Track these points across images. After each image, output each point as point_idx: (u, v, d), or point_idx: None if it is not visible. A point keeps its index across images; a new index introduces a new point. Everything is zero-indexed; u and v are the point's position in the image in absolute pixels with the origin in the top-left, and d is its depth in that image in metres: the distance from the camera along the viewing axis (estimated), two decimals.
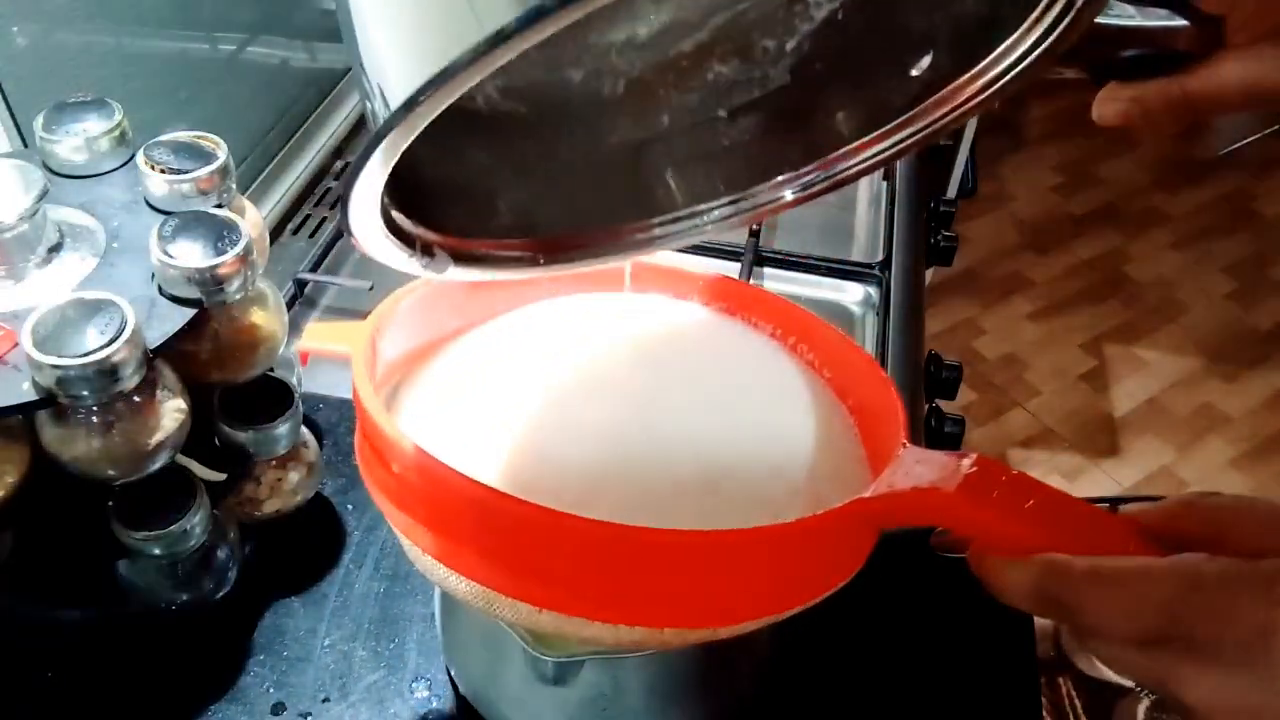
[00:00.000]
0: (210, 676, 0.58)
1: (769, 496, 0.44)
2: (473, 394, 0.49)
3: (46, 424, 0.48)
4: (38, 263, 0.51)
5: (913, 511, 0.39)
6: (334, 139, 1.04)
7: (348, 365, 0.44)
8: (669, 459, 0.45)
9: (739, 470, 0.45)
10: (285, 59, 1.00)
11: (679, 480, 0.44)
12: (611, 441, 0.46)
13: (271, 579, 0.62)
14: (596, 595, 0.38)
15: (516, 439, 0.45)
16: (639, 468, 0.45)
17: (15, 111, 0.67)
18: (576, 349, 0.52)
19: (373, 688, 0.58)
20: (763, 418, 0.49)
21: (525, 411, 0.47)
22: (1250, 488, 1.85)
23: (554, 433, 0.46)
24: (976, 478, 0.38)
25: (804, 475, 0.46)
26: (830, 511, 0.38)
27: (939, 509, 0.38)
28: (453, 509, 0.39)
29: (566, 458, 0.45)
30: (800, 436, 0.48)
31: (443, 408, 0.48)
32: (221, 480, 0.58)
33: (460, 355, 0.51)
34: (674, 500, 0.44)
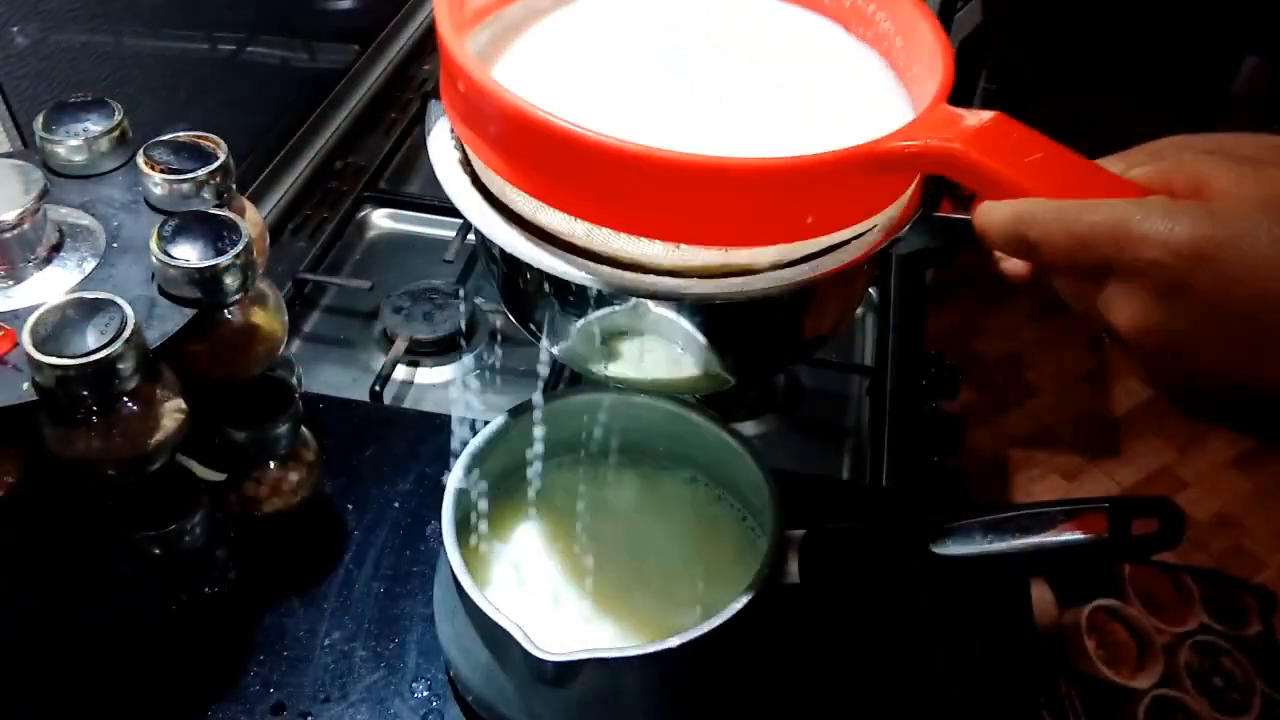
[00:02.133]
0: (210, 676, 0.58)
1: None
2: (555, 63, 0.50)
3: (46, 424, 0.48)
4: (38, 263, 0.51)
5: (925, 160, 0.41)
6: (334, 139, 1.04)
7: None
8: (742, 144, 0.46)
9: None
10: (285, 59, 1.00)
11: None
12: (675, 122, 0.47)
13: (271, 579, 0.62)
14: (645, 213, 0.41)
15: (587, 97, 0.47)
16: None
17: (15, 111, 0.67)
18: (664, 28, 0.52)
19: (373, 688, 0.58)
20: (828, 107, 0.50)
21: (599, 80, 0.49)
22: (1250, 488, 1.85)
23: (623, 103, 0.48)
24: (988, 132, 0.40)
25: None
26: (841, 151, 0.40)
27: (947, 159, 0.40)
28: (511, 129, 0.42)
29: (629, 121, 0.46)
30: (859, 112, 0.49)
31: (540, 56, 0.50)
32: (221, 480, 0.58)
33: (549, 22, 0.52)
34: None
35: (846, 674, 0.60)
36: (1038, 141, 0.40)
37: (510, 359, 0.83)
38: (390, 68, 1.14)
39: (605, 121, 0.45)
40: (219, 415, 0.56)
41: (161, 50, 0.81)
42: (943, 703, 0.60)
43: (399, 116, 1.08)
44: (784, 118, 0.49)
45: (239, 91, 0.92)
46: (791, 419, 0.80)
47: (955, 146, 0.40)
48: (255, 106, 0.95)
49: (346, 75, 1.09)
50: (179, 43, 0.84)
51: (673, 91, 0.49)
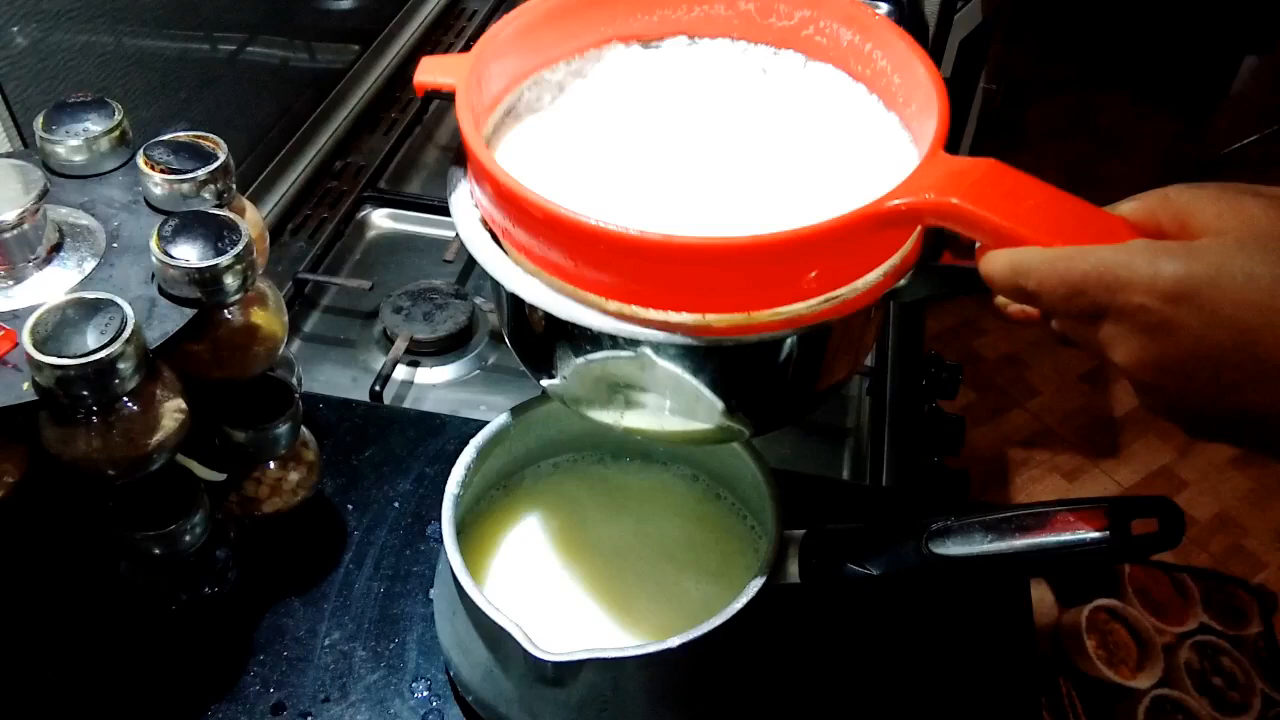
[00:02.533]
0: (210, 676, 0.58)
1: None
2: (566, 145, 0.52)
3: (46, 424, 0.48)
4: (38, 263, 0.51)
5: (924, 215, 0.42)
6: (334, 139, 1.04)
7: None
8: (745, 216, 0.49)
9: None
10: (285, 59, 1.00)
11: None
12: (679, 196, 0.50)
13: (271, 579, 0.62)
14: (671, 291, 0.43)
15: (596, 180, 0.50)
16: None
17: (15, 111, 0.67)
18: (667, 110, 0.55)
19: (373, 688, 0.58)
20: (835, 177, 0.52)
21: (611, 164, 0.51)
22: (1250, 488, 1.85)
23: (634, 170, 0.51)
24: (983, 183, 0.42)
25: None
26: (845, 216, 0.42)
27: (947, 214, 0.42)
28: (535, 226, 0.44)
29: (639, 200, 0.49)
30: (865, 168, 0.51)
31: (538, 153, 0.52)
32: (221, 480, 0.58)
33: (562, 105, 0.54)
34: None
35: (846, 674, 0.60)
36: (1032, 187, 0.42)
37: (510, 359, 0.84)
38: (390, 68, 1.14)
39: (618, 201, 0.48)
40: (219, 415, 0.57)
41: (161, 50, 0.81)
42: (943, 702, 0.60)
43: (399, 116, 1.08)
44: (791, 174, 0.51)
45: (239, 91, 0.92)
46: None
47: (952, 202, 0.41)
48: (255, 106, 0.95)
49: (346, 75, 1.09)
50: (179, 43, 0.84)
51: (683, 165, 0.51)
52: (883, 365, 0.83)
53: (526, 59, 0.53)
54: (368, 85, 1.11)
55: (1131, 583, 1.68)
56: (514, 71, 0.53)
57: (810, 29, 0.56)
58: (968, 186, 0.42)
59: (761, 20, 0.56)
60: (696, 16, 0.56)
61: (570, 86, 0.55)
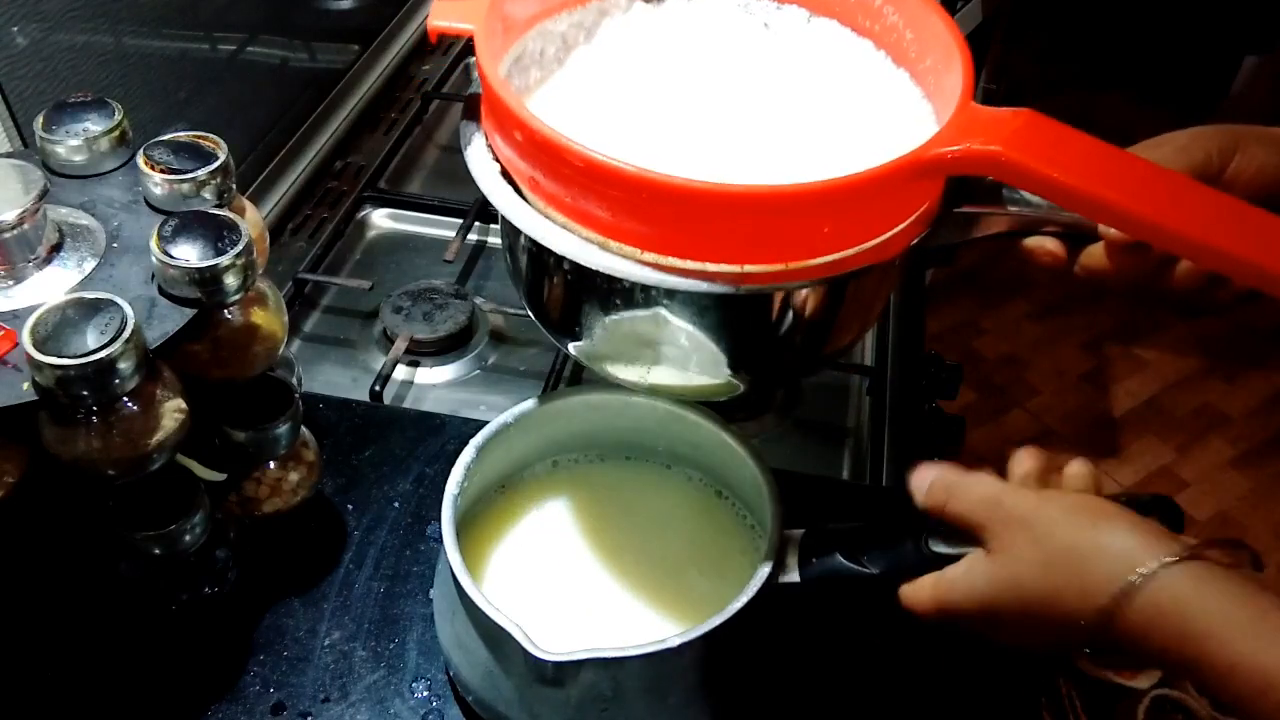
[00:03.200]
0: (210, 676, 0.58)
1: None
2: (581, 99, 0.52)
3: (46, 424, 0.48)
4: (38, 263, 0.51)
5: (967, 163, 0.42)
6: (334, 139, 1.04)
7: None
8: (764, 168, 0.49)
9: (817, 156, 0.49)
10: (285, 59, 1.00)
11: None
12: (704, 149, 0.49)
13: (271, 579, 0.62)
14: (708, 241, 0.43)
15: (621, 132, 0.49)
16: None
17: (15, 111, 0.67)
18: (673, 67, 0.54)
19: (373, 688, 0.58)
20: (845, 114, 0.52)
21: (628, 120, 0.50)
22: (1250, 488, 1.85)
23: (645, 121, 0.50)
24: (1025, 132, 0.42)
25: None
26: (887, 165, 0.42)
27: (990, 162, 0.42)
28: (560, 169, 0.44)
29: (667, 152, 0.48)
30: (877, 123, 0.51)
31: (556, 107, 0.51)
32: (221, 480, 0.58)
33: (572, 61, 0.54)
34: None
35: (846, 674, 0.60)
36: (1073, 137, 0.42)
37: (510, 359, 0.84)
38: (390, 68, 1.14)
39: (651, 151, 0.47)
40: (219, 415, 0.57)
41: (161, 50, 0.81)
42: (943, 702, 0.60)
43: (399, 116, 1.08)
44: (815, 129, 0.51)
45: (239, 91, 0.92)
46: (791, 419, 0.80)
47: (997, 149, 0.41)
48: (255, 106, 0.95)
49: (346, 75, 1.09)
50: (179, 43, 0.84)
51: (694, 120, 0.51)
52: (883, 365, 0.83)
53: (531, 4, 0.52)
54: (368, 85, 1.11)
55: None
56: (522, 17, 0.52)
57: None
58: (1010, 135, 0.41)
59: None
60: None
61: (574, 39, 0.54)
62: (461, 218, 0.91)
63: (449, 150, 1.06)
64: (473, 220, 0.91)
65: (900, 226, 0.45)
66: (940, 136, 0.43)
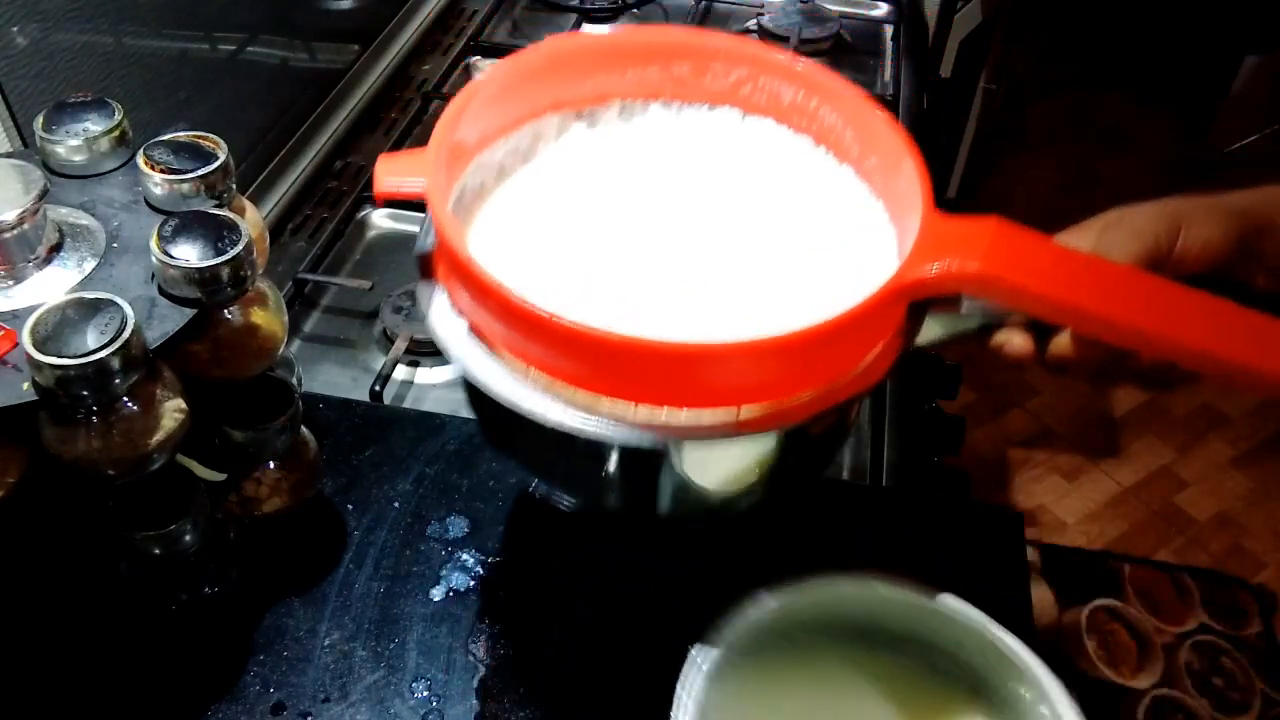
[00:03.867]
0: (210, 676, 0.58)
1: (809, 298, 0.47)
2: (523, 228, 0.51)
3: (46, 424, 0.48)
4: (38, 263, 0.51)
5: (947, 284, 0.42)
6: (334, 139, 1.04)
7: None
8: (714, 282, 0.48)
9: (780, 284, 0.48)
10: (285, 59, 1.00)
11: (723, 302, 0.48)
12: (651, 265, 0.49)
13: (271, 579, 0.62)
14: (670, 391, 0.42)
15: (571, 259, 0.49)
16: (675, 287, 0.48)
17: (15, 111, 0.67)
18: (611, 181, 0.54)
19: (373, 688, 0.58)
20: (794, 231, 0.51)
21: (571, 247, 0.50)
22: (1250, 488, 1.85)
23: (602, 255, 0.49)
24: (999, 246, 0.42)
25: (837, 277, 0.48)
26: (872, 297, 0.42)
27: (972, 280, 0.42)
28: (522, 328, 0.43)
29: (611, 280, 0.48)
30: (827, 227, 0.51)
31: (498, 240, 0.50)
32: (221, 480, 0.58)
33: (508, 189, 0.53)
34: (720, 315, 0.47)
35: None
36: (1040, 245, 0.43)
37: None
38: (390, 68, 1.14)
39: (591, 294, 0.46)
40: (219, 415, 0.57)
41: (161, 50, 0.81)
42: None
43: (399, 116, 1.08)
44: (767, 239, 0.50)
45: (239, 91, 0.92)
46: None
47: (978, 269, 0.42)
48: (255, 106, 0.95)
49: (346, 75, 1.09)
50: (179, 43, 0.84)
51: (640, 242, 0.50)
52: None
53: (471, 146, 0.52)
54: (368, 85, 1.11)
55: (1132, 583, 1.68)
56: (463, 156, 0.51)
57: (748, 87, 0.55)
58: (985, 250, 0.42)
59: (696, 81, 0.55)
60: (630, 80, 0.55)
61: (511, 166, 0.54)
62: None
63: None
64: None
65: (881, 345, 0.45)
66: (915, 257, 0.42)
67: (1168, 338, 0.41)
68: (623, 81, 0.55)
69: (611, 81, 0.55)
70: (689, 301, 0.47)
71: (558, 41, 0.53)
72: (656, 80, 0.55)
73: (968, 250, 0.42)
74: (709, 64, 0.54)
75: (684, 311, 0.46)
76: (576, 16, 1.20)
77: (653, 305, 0.47)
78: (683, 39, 0.56)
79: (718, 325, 0.45)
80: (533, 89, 0.54)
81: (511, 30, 1.23)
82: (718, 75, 0.55)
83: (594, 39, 0.55)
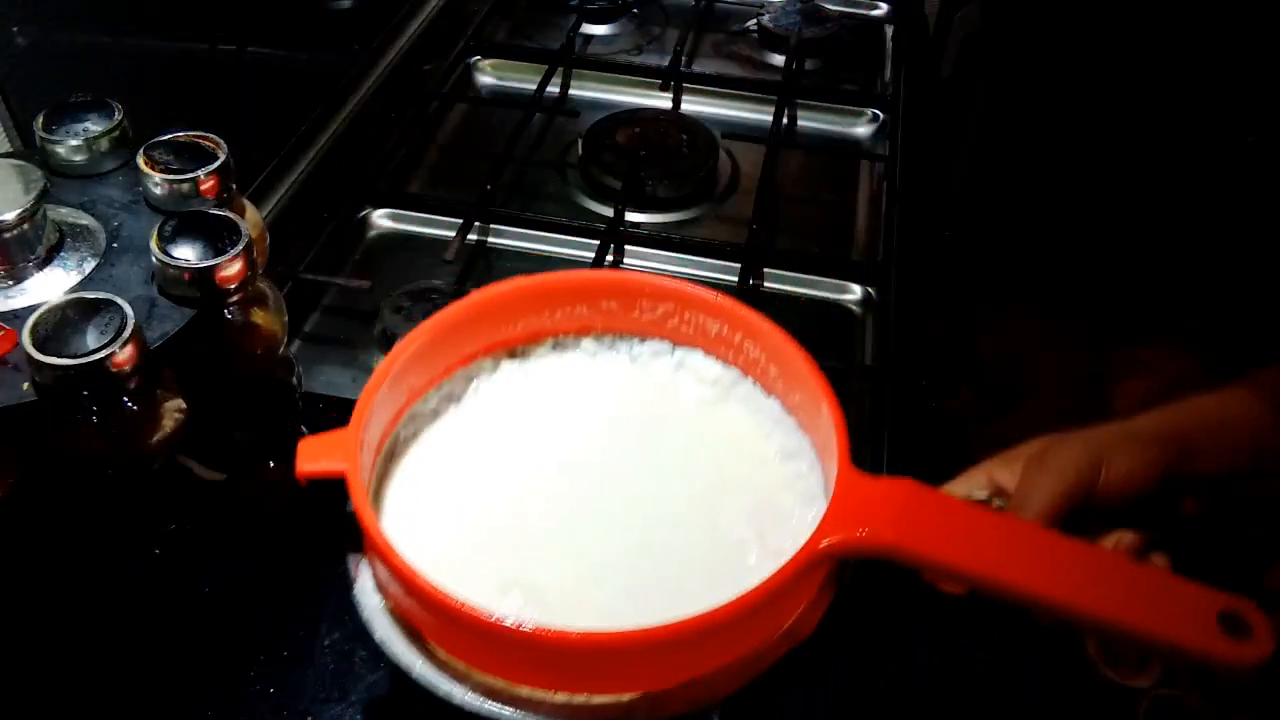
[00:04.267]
0: (210, 676, 0.58)
1: (730, 556, 0.48)
2: (452, 478, 0.52)
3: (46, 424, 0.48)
4: (38, 263, 0.51)
5: (854, 551, 0.43)
6: (334, 139, 1.03)
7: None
8: (631, 538, 0.49)
9: (701, 537, 0.50)
10: (285, 59, 1.00)
11: (640, 562, 0.49)
12: (578, 531, 0.50)
13: (271, 579, 0.62)
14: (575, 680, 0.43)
15: (494, 531, 0.50)
16: (598, 551, 0.49)
17: (15, 111, 0.67)
18: (542, 423, 0.55)
19: (373, 688, 0.58)
20: (721, 473, 0.52)
21: (500, 499, 0.51)
22: None
23: (522, 514, 0.50)
24: (908, 513, 0.43)
25: (759, 528, 0.49)
26: (785, 568, 0.42)
27: (879, 549, 0.43)
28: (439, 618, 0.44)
29: (535, 549, 0.49)
30: (756, 483, 0.51)
31: (426, 493, 0.51)
32: (221, 480, 0.58)
33: (439, 435, 0.54)
34: (635, 578, 0.48)
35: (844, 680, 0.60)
36: (953, 510, 0.44)
37: None
38: (390, 68, 1.14)
39: (518, 554, 0.48)
40: (219, 415, 0.57)
41: (161, 50, 0.81)
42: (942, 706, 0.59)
43: (399, 116, 1.08)
44: (694, 476, 0.51)
45: (239, 91, 0.92)
46: None
47: (889, 541, 0.43)
48: (255, 106, 0.95)
49: (346, 75, 1.09)
50: (179, 43, 0.84)
51: (568, 491, 0.51)
52: (883, 365, 0.83)
53: (399, 400, 0.52)
54: (368, 85, 1.11)
55: None
56: (390, 415, 0.52)
57: (675, 320, 0.56)
58: (895, 516, 0.43)
59: (625, 315, 0.56)
60: (560, 318, 0.56)
61: (443, 410, 0.55)
62: (461, 218, 0.91)
63: (449, 150, 1.06)
64: (473, 220, 0.91)
65: (806, 604, 0.45)
66: (828, 523, 0.43)
67: (1068, 607, 0.42)
68: (553, 320, 0.56)
69: (542, 321, 0.56)
70: (612, 571, 0.48)
71: (484, 292, 0.55)
72: (587, 315, 0.56)
73: (880, 517, 0.43)
74: (635, 301, 0.56)
75: (608, 583, 0.47)
76: (576, 16, 1.20)
77: (572, 577, 0.47)
78: (606, 280, 0.57)
79: (639, 599, 0.46)
80: (462, 338, 0.55)
81: (511, 30, 1.23)
82: (645, 310, 0.56)
83: (521, 284, 0.55)
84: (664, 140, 1.01)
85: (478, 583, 0.44)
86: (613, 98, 1.11)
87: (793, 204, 0.99)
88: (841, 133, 1.11)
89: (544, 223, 0.93)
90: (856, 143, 1.10)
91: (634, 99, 1.11)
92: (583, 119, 1.05)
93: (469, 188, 0.94)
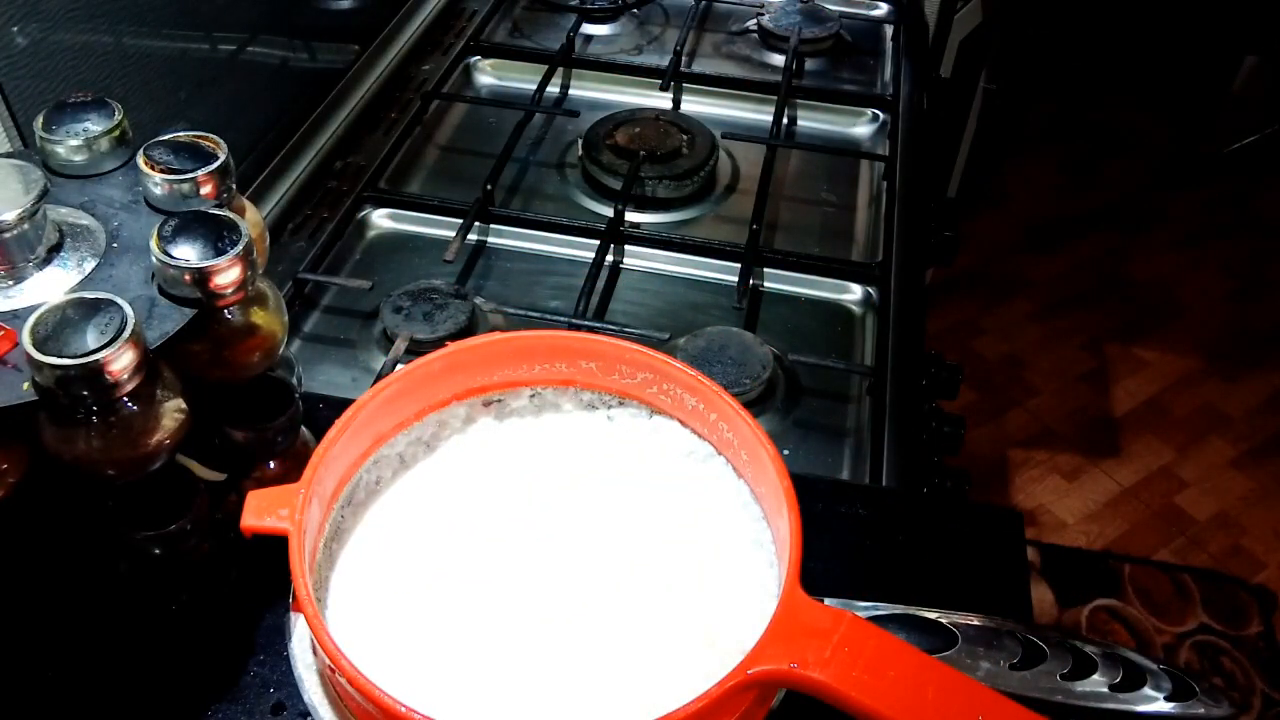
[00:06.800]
0: (210, 676, 0.58)
1: (677, 662, 0.48)
2: (409, 541, 0.52)
3: (46, 424, 0.48)
4: (38, 263, 0.51)
5: (784, 683, 0.43)
6: (334, 139, 1.04)
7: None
8: (578, 634, 0.49)
9: (651, 640, 0.49)
10: (285, 59, 1.00)
11: (581, 664, 0.48)
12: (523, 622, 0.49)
13: (272, 579, 0.62)
14: None
15: (435, 617, 0.49)
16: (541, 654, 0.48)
17: (15, 111, 0.67)
18: (511, 479, 0.54)
19: None
20: (685, 557, 0.52)
21: (453, 577, 0.51)
22: (1250, 488, 1.85)
23: (475, 589, 0.50)
24: (843, 650, 0.42)
25: (710, 634, 0.49)
26: (714, 689, 0.41)
27: (811, 686, 0.42)
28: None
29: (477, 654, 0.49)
30: (718, 557, 0.51)
31: (380, 554, 0.51)
32: (221, 480, 0.58)
33: (405, 486, 0.54)
34: (573, 680, 0.47)
35: None
36: (892, 652, 0.42)
37: None
38: (390, 68, 1.14)
39: (470, 618, 0.48)
40: (219, 415, 0.57)
41: (161, 50, 0.81)
42: None
43: (399, 116, 1.08)
44: (660, 552, 0.51)
45: (239, 91, 0.92)
46: (791, 419, 0.80)
47: (813, 678, 0.41)
48: (255, 106, 0.95)
49: (346, 75, 1.09)
50: (179, 43, 0.84)
51: (529, 557, 0.51)
52: (883, 365, 0.83)
53: (363, 445, 0.52)
54: (368, 85, 1.11)
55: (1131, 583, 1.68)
56: (352, 460, 0.52)
57: (654, 389, 0.56)
58: (829, 654, 0.42)
59: (604, 377, 0.56)
60: (538, 374, 0.56)
61: (412, 456, 0.54)
62: (461, 218, 0.91)
63: (449, 150, 1.06)
64: (473, 220, 0.91)
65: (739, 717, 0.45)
66: (759, 649, 0.42)
67: None
68: (530, 373, 0.57)
69: (519, 374, 0.56)
70: (553, 672, 0.47)
71: (459, 345, 0.55)
72: (566, 372, 0.57)
73: (815, 651, 0.42)
74: (615, 365, 0.56)
75: (548, 687, 0.47)
76: (576, 16, 1.20)
77: (514, 678, 0.47)
78: (590, 343, 0.57)
79: (571, 706, 0.46)
80: (436, 386, 0.55)
81: (511, 30, 1.23)
82: (625, 375, 0.56)
83: (499, 341, 0.55)
84: (664, 140, 1.01)
85: (412, 671, 0.44)
86: (613, 98, 1.11)
87: (792, 204, 0.99)
88: (841, 133, 1.11)
89: (544, 223, 0.93)
90: (856, 143, 1.10)
91: (634, 99, 1.11)
92: (583, 119, 1.05)
93: (469, 188, 0.94)
